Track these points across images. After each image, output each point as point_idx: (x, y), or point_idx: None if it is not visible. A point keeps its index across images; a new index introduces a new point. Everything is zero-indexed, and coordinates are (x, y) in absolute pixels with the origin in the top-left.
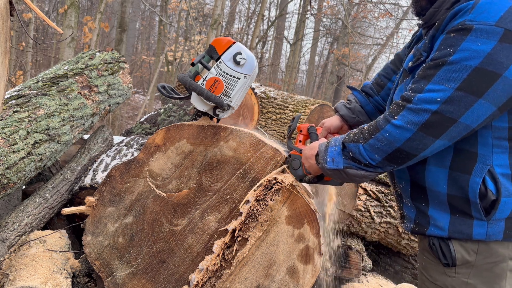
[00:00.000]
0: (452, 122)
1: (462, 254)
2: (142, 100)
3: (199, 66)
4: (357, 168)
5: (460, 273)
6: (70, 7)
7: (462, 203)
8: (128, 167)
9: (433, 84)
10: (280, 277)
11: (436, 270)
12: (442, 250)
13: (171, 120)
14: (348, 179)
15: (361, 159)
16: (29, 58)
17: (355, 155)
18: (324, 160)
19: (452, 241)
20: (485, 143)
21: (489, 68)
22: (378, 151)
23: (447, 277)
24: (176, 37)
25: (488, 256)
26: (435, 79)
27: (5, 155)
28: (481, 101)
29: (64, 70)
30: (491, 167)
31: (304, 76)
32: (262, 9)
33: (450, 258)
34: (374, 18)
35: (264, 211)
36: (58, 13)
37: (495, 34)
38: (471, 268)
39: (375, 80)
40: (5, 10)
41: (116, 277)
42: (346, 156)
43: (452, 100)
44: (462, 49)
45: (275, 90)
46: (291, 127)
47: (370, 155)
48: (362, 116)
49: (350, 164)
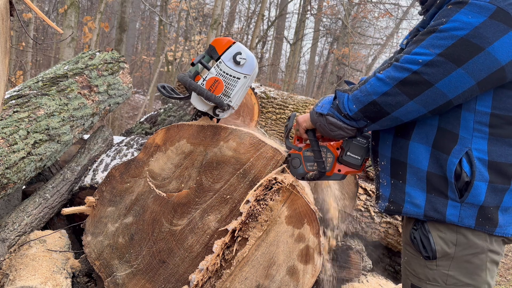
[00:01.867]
0: (428, 85)
1: (442, 246)
2: (142, 100)
3: (199, 66)
4: (337, 118)
5: (440, 265)
6: (70, 7)
7: (440, 182)
8: (128, 167)
9: (420, 48)
10: (280, 277)
11: (418, 263)
12: (422, 243)
13: (171, 120)
14: (327, 129)
15: (341, 109)
16: (29, 58)
17: (339, 103)
18: (315, 106)
19: (431, 233)
20: (467, 126)
21: (474, 41)
22: (356, 102)
23: (429, 270)
24: (176, 37)
25: (467, 248)
26: (423, 44)
27: (5, 155)
28: (459, 71)
29: (64, 70)
30: (469, 150)
31: (304, 76)
32: (262, 9)
33: (430, 250)
34: (374, 18)
35: (264, 211)
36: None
37: (487, 10)
38: (451, 260)
39: None
40: (5, 10)
41: (116, 277)
42: (333, 105)
43: (432, 64)
44: (453, 19)
45: (275, 90)
46: (287, 127)
47: (349, 105)
48: None
49: (333, 112)
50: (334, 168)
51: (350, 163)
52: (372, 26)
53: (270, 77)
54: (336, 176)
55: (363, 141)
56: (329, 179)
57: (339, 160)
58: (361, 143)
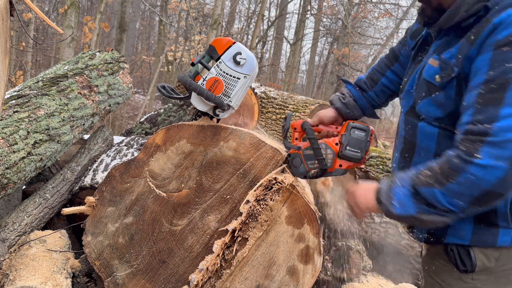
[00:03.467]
0: None
1: (483, 261)
2: (142, 100)
3: (199, 66)
4: (433, 214)
5: (477, 279)
6: (70, 7)
7: (489, 213)
8: (128, 167)
9: (507, 107)
10: (280, 277)
11: (450, 275)
12: (460, 257)
13: (171, 120)
14: (423, 225)
15: (438, 205)
16: (29, 58)
17: (430, 201)
18: (388, 202)
19: (473, 248)
20: None
21: None
22: (461, 197)
23: (463, 283)
24: (176, 37)
25: (507, 263)
26: (507, 101)
27: (5, 155)
28: None
29: (64, 70)
30: None
31: (304, 76)
32: (262, 9)
33: (470, 265)
34: (374, 18)
35: (264, 211)
36: (58, 13)
37: None
38: (489, 274)
39: (369, 75)
40: (5, 10)
41: (116, 277)
42: (417, 201)
43: None
44: None
45: (275, 90)
46: (284, 127)
47: (450, 201)
48: (356, 110)
49: (424, 210)
50: (335, 164)
51: (351, 157)
52: (372, 26)
53: (270, 77)
54: (338, 172)
55: (361, 134)
56: (331, 175)
57: (339, 155)
58: (359, 136)
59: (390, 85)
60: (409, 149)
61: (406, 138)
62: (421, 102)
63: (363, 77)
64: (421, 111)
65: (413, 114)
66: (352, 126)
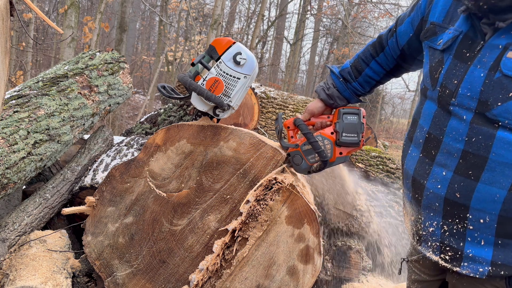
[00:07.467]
0: None
1: None
2: (142, 100)
3: (199, 66)
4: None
5: None
6: (70, 7)
7: None
8: (128, 167)
9: None
10: (280, 277)
11: None
12: None
13: (171, 120)
14: None
15: None
16: (29, 58)
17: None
18: None
19: None
20: None
21: None
22: None
23: None
24: (176, 37)
25: None
26: None
27: (5, 155)
28: None
29: (64, 70)
30: None
31: (304, 76)
32: (262, 9)
33: None
34: (374, 18)
35: (264, 211)
36: (58, 13)
37: None
38: None
39: (354, 63)
40: (5, 10)
41: (116, 277)
42: None
43: None
44: None
45: (275, 90)
46: (277, 128)
47: None
48: (340, 101)
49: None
50: (335, 153)
51: (349, 143)
52: (372, 26)
53: (270, 77)
54: (340, 160)
55: (354, 118)
56: (334, 165)
57: (337, 143)
58: (352, 120)
59: (374, 75)
60: (475, 166)
61: (469, 152)
62: (502, 105)
63: (348, 65)
64: (500, 116)
65: (483, 122)
66: (343, 112)
